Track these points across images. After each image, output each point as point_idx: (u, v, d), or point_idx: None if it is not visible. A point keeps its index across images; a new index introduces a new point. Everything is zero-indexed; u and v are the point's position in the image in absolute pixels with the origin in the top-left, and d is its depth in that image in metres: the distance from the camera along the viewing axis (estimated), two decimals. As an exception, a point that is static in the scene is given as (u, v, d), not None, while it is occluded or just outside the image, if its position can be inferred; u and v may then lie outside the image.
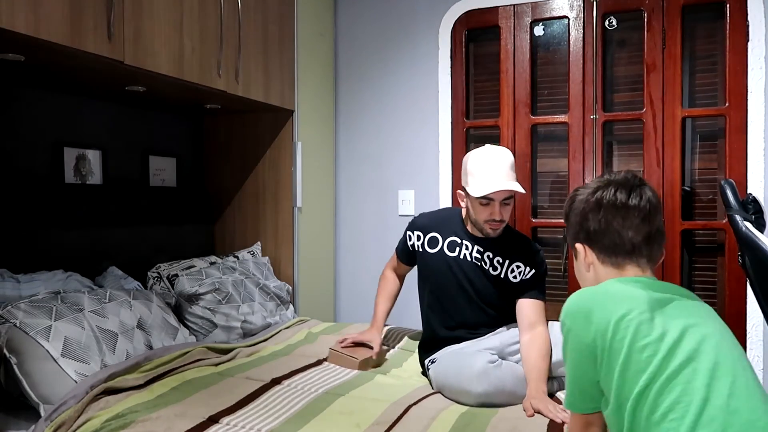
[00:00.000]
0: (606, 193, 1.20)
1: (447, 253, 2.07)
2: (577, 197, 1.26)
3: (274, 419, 1.60)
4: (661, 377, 1.02)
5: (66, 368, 1.75)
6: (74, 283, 2.14)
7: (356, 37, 3.28)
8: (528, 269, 2.01)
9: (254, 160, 2.97)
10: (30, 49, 1.74)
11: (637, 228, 1.18)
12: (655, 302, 1.09)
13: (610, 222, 1.18)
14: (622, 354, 1.05)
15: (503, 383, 1.76)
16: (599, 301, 1.10)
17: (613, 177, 1.24)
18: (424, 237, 2.13)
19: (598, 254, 1.21)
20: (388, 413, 1.66)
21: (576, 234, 1.24)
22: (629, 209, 1.18)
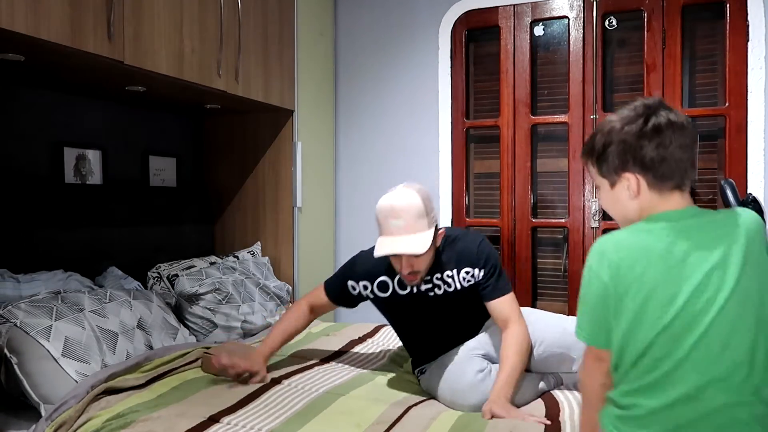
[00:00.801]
0: (660, 118, 1.16)
1: (399, 293, 1.93)
2: (618, 128, 1.20)
3: (275, 419, 1.60)
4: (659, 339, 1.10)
5: (66, 368, 1.75)
6: (74, 283, 2.14)
7: (356, 37, 3.28)
8: (477, 270, 1.89)
9: (254, 160, 2.97)
10: (30, 49, 1.74)
11: (690, 150, 1.17)
12: (678, 255, 1.12)
13: (669, 146, 1.16)
14: (631, 313, 1.12)
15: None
16: (624, 255, 1.14)
17: (648, 101, 1.20)
18: (372, 284, 1.96)
19: (650, 182, 1.18)
20: (388, 413, 1.66)
21: (624, 164, 1.19)
22: (683, 130, 1.17)
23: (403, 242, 1.76)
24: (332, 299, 2.07)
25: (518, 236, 2.97)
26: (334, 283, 2.07)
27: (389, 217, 1.78)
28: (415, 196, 1.80)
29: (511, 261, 2.98)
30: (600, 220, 2.84)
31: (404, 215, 1.76)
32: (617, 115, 1.21)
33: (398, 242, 1.77)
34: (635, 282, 1.12)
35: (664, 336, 1.09)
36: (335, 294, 2.06)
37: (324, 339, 2.42)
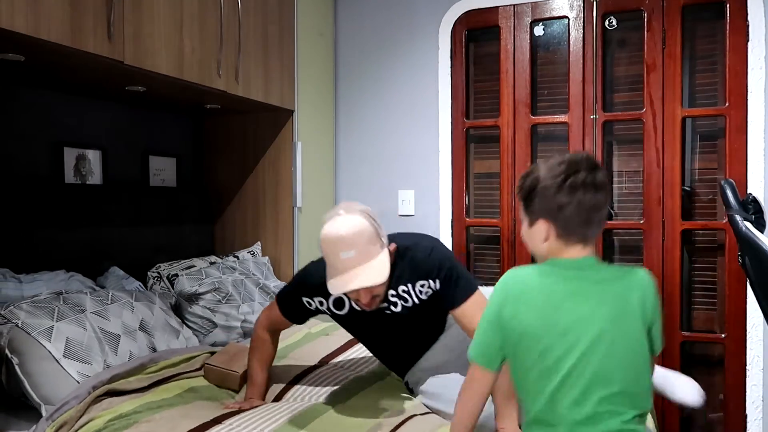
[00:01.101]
0: (577, 178, 1.26)
1: (356, 309, 1.79)
2: (542, 177, 1.30)
3: (276, 420, 1.60)
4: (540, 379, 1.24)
5: (68, 369, 1.75)
6: (76, 283, 2.14)
7: (356, 37, 3.28)
8: (432, 282, 1.75)
9: (254, 160, 2.97)
10: (30, 49, 1.74)
11: (599, 212, 1.29)
12: (561, 303, 1.26)
13: (580, 206, 1.27)
14: (518, 344, 1.26)
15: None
16: (518, 290, 1.29)
17: (576, 157, 1.30)
18: (327, 301, 1.82)
19: (558, 232, 1.30)
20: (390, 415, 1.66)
21: (540, 212, 1.32)
22: (596, 192, 1.27)
23: (361, 275, 1.60)
24: (287, 316, 1.89)
25: (518, 236, 2.97)
26: (287, 300, 1.89)
27: (339, 250, 1.60)
28: (362, 220, 1.63)
29: (511, 261, 2.98)
30: (600, 220, 2.84)
31: (355, 245, 1.59)
32: (546, 165, 1.32)
33: (355, 276, 1.60)
34: (515, 320, 1.26)
35: (533, 375, 1.24)
36: (291, 312, 1.88)
37: (323, 339, 2.41)
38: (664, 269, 2.74)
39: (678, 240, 2.72)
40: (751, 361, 2.62)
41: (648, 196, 2.76)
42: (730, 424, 2.67)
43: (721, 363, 2.71)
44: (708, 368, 2.79)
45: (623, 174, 2.89)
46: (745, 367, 2.63)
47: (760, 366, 2.61)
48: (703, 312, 2.80)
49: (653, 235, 2.76)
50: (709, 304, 2.79)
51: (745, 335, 2.62)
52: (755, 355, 2.61)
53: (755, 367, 2.62)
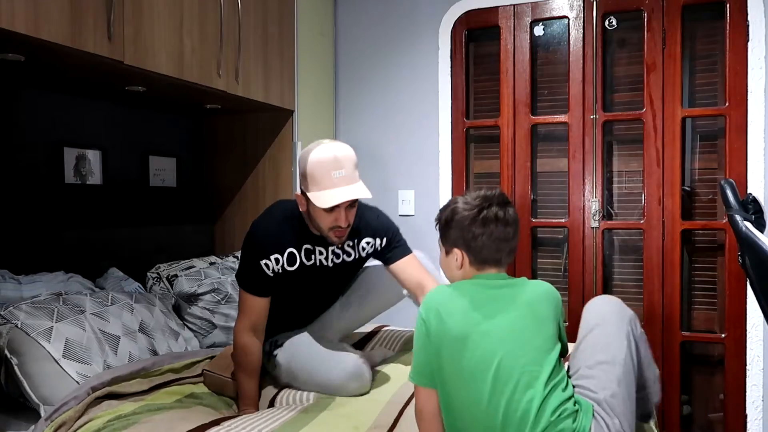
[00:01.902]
0: (489, 212, 1.43)
1: (306, 264, 1.89)
2: (459, 210, 1.46)
3: (274, 421, 1.60)
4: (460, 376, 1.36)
5: (67, 369, 1.75)
6: (75, 284, 2.13)
7: (356, 37, 3.28)
8: (379, 240, 1.95)
9: (254, 160, 2.97)
10: (30, 49, 1.74)
11: (509, 243, 1.46)
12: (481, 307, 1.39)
13: (491, 237, 1.43)
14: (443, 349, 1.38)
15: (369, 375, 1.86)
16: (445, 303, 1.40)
17: (489, 194, 1.47)
18: (283, 257, 1.86)
19: (471, 260, 1.46)
20: (385, 415, 1.66)
21: (455, 241, 1.47)
22: (506, 226, 1.45)
23: (352, 190, 1.76)
24: (259, 292, 1.87)
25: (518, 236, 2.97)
26: (249, 277, 1.88)
27: (332, 168, 1.75)
28: (349, 148, 1.82)
29: (511, 261, 2.98)
30: (600, 220, 2.84)
31: (345, 166, 1.77)
32: (463, 199, 1.48)
33: (347, 191, 1.75)
34: (441, 327, 1.37)
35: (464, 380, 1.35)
36: (257, 286, 1.87)
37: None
38: (664, 269, 2.74)
39: (678, 240, 2.72)
40: (751, 361, 2.62)
41: (648, 196, 2.77)
42: (730, 424, 2.67)
43: (721, 363, 2.71)
44: (708, 368, 2.79)
45: (623, 174, 2.89)
46: (745, 367, 2.63)
47: (760, 366, 2.61)
48: (703, 312, 2.80)
49: (653, 235, 2.76)
50: (709, 304, 2.79)
51: (745, 335, 2.62)
52: (755, 355, 2.61)
53: (755, 367, 2.62)
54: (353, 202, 1.81)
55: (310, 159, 1.77)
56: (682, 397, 2.76)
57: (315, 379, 1.85)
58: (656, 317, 2.75)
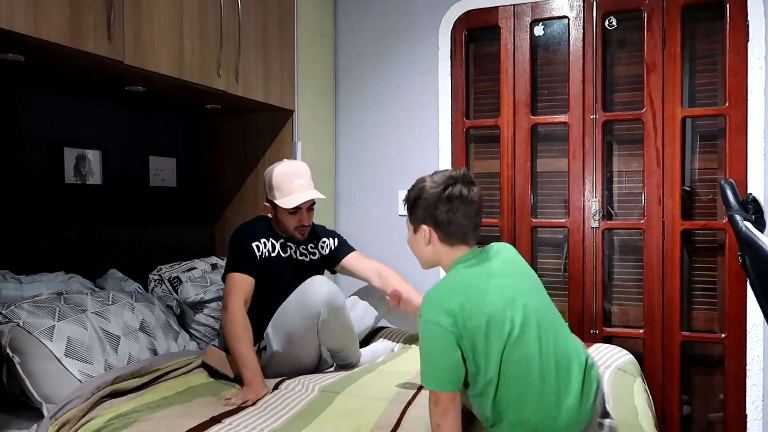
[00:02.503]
0: (454, 189, 1.49)
1: (283, 255, 2.23)
2: (427, 188, 1.52)
3: (276, 419, 1.61)
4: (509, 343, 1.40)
5: (69, 368, 1.75)
6: (75, 284, 2.13)
7: (356, 37, 3.28)
8: (332, 240, 2.38)
9: (254, 160, 2.97)
10: (30, 49, 1.74)
11: (473, 219, 1.52)
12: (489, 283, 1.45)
13: (456, 213, 1.49)
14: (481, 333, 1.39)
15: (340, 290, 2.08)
16: (453, 295, 1.42)
17: (454, 173, 1.52)
18: (268, 241, 2.21)
19: (440, 236, 1.52)
20: (387, 415, 1.66)
21: (423, 218, 1.53)
22: (470, 204, 1.50)
23: (311, 192, 2.20)
24: (248, 271, 2.11)
25: (518, 236, 2.97)
26: (239, 258, 2.13)
27: (293, 177, 2.19)
28: (305, 164, 2.29)
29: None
30: (600, 220, 2.84)
31: (304, 175, 2.22)
32: (430, 178, 1.54)
33: (309, 193, 2.18)
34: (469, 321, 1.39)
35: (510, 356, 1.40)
36: (247, 265, 2.12)
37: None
38: (664, 269, 2.74)
39: (678, 240, 2.72)
40: (751, 361, 2.62)
41: (648, 196, 2.77)
42: (730, 424, 2.67)
43: (721, 363, 2.71)
44: (708, 368, 2.79)
45: (623, 174, 2.89)
46: (745, 367, 2.63)
47: (760, 366, 2.61)
48: (703, 312, 2.80)
49: (653, 235, 2.76)
50: (709, 304, 2.79)
51: (745, 335, 2.62)
52: (755, 355, 2.61)
53: (755, 367, 2.62)
54: (311, 205, 2.23)
55: (275, 172, 2.20)
56: (682, 397, 2.76)
57: (291, 308, 2.02)
58: (656, 317, 2.75)
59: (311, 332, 2.00)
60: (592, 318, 2.85)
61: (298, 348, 2.03)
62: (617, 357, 2.23)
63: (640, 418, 1.74)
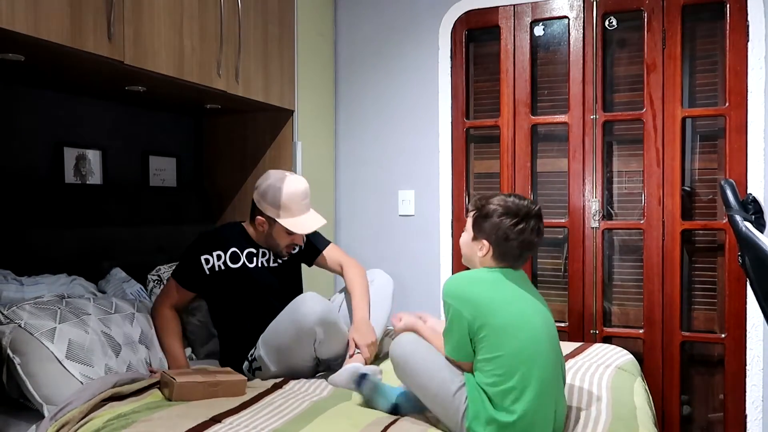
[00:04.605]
0: (528, 226, 1.63)
1: (248, 266, 2.18)
2: (501, 212, 1.64)
3: (277, 419, 1.61)
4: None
5: (71, 370, 1.75)
6: (78, 287, 2.12)
7: (356, 37, 3.28)
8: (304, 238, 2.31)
9: (254, 160, 2.97)
10: (30, 49, 1.74)
11: (531, 251, 1.70)
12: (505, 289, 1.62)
13: (519, 247, 1.64)
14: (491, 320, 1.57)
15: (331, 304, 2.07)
16: (473, 288, 1.61)
17: (532, 208, 1.65)
18: (225, 254, 2.16)
19: (495, 254, 1.66)
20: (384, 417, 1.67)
21: (488, 234, 1.65)
22: (535, 244, 1.67)
23: (317, 216, 2.20)
24: (186, 285, 2.16)
25: (518, 236, 2.97)
26: (182, 269, 2.17)
27: (303, 198, 2.15)
28: (305, 181, 2.21)
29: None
30: (600, 220, 2.84)
31: (307, 196, 2.19)
32: (510, 201, 1.66)
33: (314, 217, 2.18)
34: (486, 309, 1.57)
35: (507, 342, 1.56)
36: (187, 278, 2.15)
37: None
38: (664, 269, 2.74)
39: (678, 240, 2.72)
40: (751, 361, 2.62)
41: (648, 196, 2.77)
42: (730, 424, 2.67)
43: (721, 363, 2.71)
44: (708, 368, 2.79)
45: (623, 174, 2.89)
46: (745, 367, 2.63)
47: (760, 366, 2.61)
48: (703, 312, 2.80)
49: (653, 235, 2.76)
50: (709, 304, 2.79)
51: (745, 335, 2.62)
52: (755, 355, 2.61)
53: (755, 367, 2.62)
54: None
55: (284, 192, 2.12)
56: (682, 397, 2.76)
57: (285, 330, 1.98)
58: (656, 317, 2.75)
59: (307, 350, 1.99)
60: (592, 318, 2.85)
61: (294, 364, 2.02)
62: (617, 357, 2.23)
63: (639, 416, 1.74)
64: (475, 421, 1.53)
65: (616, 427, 1.63)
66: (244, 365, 2.11)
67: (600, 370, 2.07)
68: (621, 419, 1.68)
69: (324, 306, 1.97)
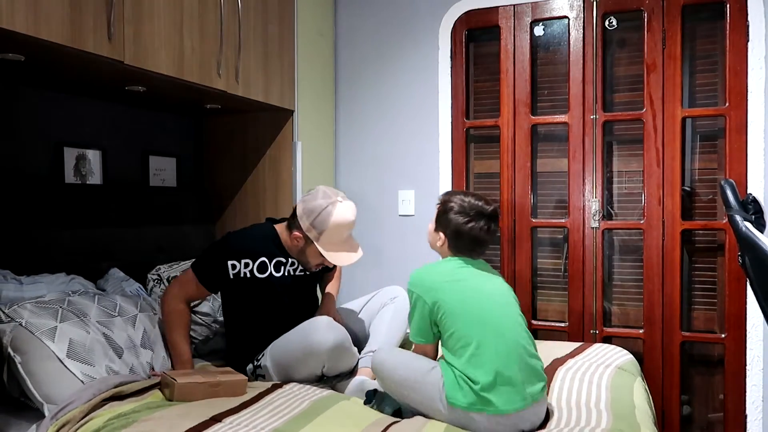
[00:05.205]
0: (477, 225, 1.83)
1: (274, 275, 2.14)
2: (455, 209, 1.85)
3: (277, 419, 1.61)
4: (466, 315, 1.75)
5: (72, 369, 1.74)
6: (77, 286, 2.12)
7: (356, 37, 3.27)
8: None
9: (254, 160, 2.97)
10: (30, 49, 1.74)
11: (481, 248, 1.88)
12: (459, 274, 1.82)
13: (471, 243, 1.85)
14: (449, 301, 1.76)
15: (345, 328, 2.02)
16: (433, 277, 1.81)
17: (486, 209, 1.84)
18: (253, 263, 2.11)
19: (450, 246, 1.88)
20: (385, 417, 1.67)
21: (445, 230, 1.87)
22: (485, 241, 1.86)
23: (358, 254, 2.16)
24: (206, 284, 2.11)
25: (518, 236, 2.97)
26: (207, 267, 2.11)
27: (348, 230, 2.12)
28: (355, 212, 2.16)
29: (511, 261, 2.98)
30: (600, 220, 2.84)
31: (353, 227, 2.15)
32: (463, 201, 1.86)
33: (355, 251, 2.16)
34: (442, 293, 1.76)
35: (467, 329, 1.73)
36: (209, 277, 2.10)
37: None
38: (664, 269, 2.74)
39: (678, 240, 2.72)
40: (751, 361, 2.62)
41: (648, 196, 2.77)
42: (730, 424, 2.67)
43: (721, 363, 2.71)
44: (708, 368, 2.79)
45: (623, 174, 2.89)
46: (745, 367, 2.63)
47: (760, 366, 2.61)
48: (703, 312, 2.80)
49: (653, 235, 2.76)
50: (709, 304, 2.79)
51: (745, 335, 2.62)
52: (755, 355, 2.61)
53: (755, 367, 2.62)
54: None
55: (333, 219, 2.06)
56: (682, 397, 2.76)
57: (294, 351, 1.97)
58: (656, 317, 2.75)
59: (314, 371, 1.99)
60: (592, 318, 2.85)
61: (299, 379, 2.01)
62: (617, 356, 2.23)
63: (639, 416, 1.74)
64: (451, 389, 1.65)
65: (616, 426, 1.63)
66: (248, 367, 2.11)
67: (600, 370, 2.08)
68: (621, 419, 1.68)
69: (336, 335, 1.94)
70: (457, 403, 1.64)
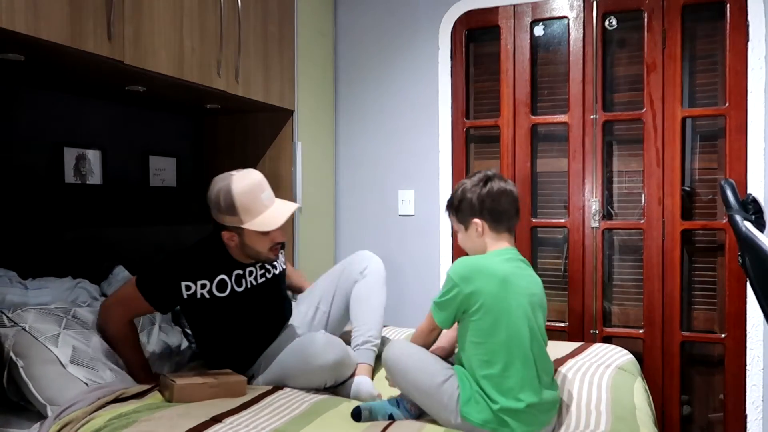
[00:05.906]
0: (493, 184, 1.75)
1: (237, 290, 1.97)
2: (468, 188, 1.77)
3: (277, 420, 1.61)
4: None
5: (75, 373, 1.74)
6: (82, 291, 2.12)
7: (356, 37, 3.27)
8: (282, 250, 2.21)
9: (254, 160, 2.97)
10: (30, 49, 1.74)
11: (514, 204, 1.78)
12: (509, 275, 1.68)
13: (500, 201, 1.75)
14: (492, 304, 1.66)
15: (342, 343, 1.92)
16: (478, 272, 1.67)
17: (488, 172, 1.79)
18: (212, 283, 1.93)
19: (489, 224, 1.75)
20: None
21: (472, 212, 1.76)
22: (510, 193, 1.77)
23: (284, 205, 1.94)
24: (157, 306, 1.92)
25: (518, 236, 2.97)
26: (157, 287, 1.90)
27: (259, 192, 1.90)
28: (258, 172, 1.97)
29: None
30: (600, 220, 2.84)
31: (266, 186, 1.94)
32: (469, 181, 1.78)
33: (281, 208, 1.93)
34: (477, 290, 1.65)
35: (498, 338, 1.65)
36: (161, 298, 1.91)
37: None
38: (664, 269, 2.74)
39: (678, 240, 2.72)
40: (751, 361, 2.62)
41: (648, 196, 2.77)
42: (730, 424, 2.67)
43: (721, 363, 2.71)
44: (708, 368, 2.79)
45: (623, 174, 2.89)
46: (745, 367, 2.63)
47: (760, 366, 2.61)
48: (703, 312, 2.80)
49: (653, 235, 2.76)
50: (709, 304, 2.79)
51: (745, 335, 2.62)
52: (755, 355, 2.61)
53: (755, 367, 2.62)
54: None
55: (235, 192, 1.86)
56: (682, 397, 2.76)
57: (292, 368, 1.90)
58: (656, 317, 2.75)
59: (313, 385, 1.92)
60: (592, 318, 2.85)
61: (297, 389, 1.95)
62: (617, 357, 2.23)
63: (639, 416, 1.74)
64: (467, 404, 1.60)
65: (616, 427, 1.63)
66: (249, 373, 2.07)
67: (600, 370, 2.07)
68: (621, 419, 1.69)
69: (336, 353, 1.86)
70: (470, 418, 1.60)
